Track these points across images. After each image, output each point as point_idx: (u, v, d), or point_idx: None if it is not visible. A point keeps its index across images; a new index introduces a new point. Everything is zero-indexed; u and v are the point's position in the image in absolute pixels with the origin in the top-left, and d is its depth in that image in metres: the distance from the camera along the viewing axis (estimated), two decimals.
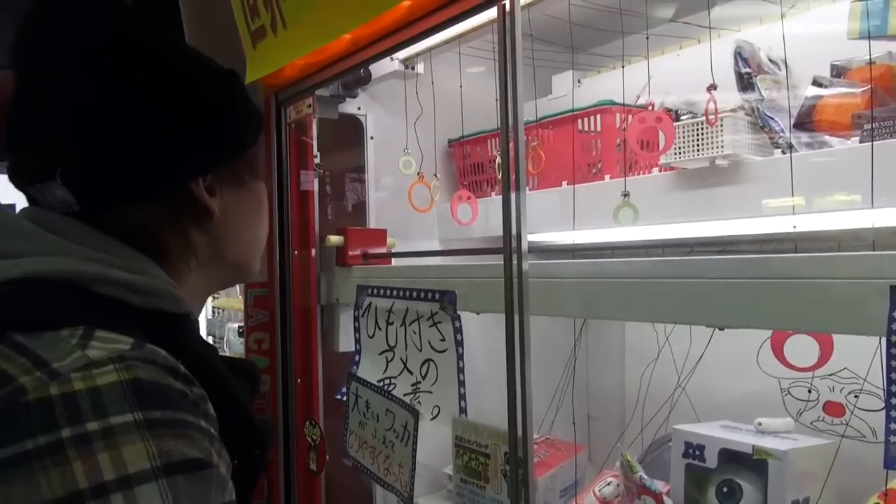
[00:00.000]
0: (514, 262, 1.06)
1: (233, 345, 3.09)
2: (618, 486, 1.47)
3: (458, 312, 1.28)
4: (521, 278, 1.05)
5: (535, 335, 1.09)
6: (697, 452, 1.26)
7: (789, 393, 1.48)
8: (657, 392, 1.74)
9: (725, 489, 1.22)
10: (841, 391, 1.40)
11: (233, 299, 3.14)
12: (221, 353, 0.76)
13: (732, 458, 1.23)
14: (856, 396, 1.38)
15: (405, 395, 1.38)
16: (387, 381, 1.44)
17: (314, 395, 1.70)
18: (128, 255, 0.68)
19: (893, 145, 1.04)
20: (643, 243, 1.63)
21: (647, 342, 1.77)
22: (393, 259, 1.70)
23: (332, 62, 1.50)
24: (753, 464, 1.19)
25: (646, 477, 1.32)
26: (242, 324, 2.25)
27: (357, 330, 1.55)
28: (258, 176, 0.84)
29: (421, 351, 1.35)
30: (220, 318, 3.43)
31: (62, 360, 0.55)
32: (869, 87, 1.14)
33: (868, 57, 1.20)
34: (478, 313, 1.28)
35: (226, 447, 0.62)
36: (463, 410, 1.25)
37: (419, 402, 1.35)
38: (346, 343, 1.69)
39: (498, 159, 1.61)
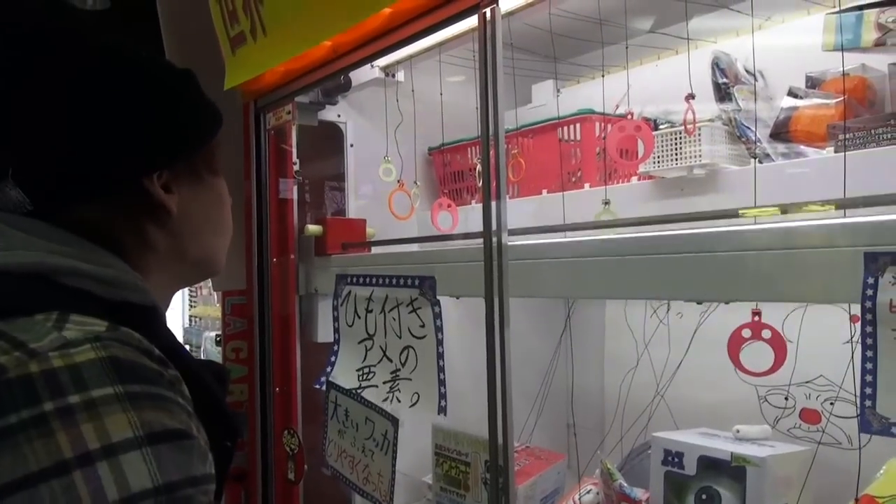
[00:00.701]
0: (494, 241, 1.06)
1: (210, 354, 3.06)
2: (598, 493, 1.47)
3: (438, 298, 1.27)
4: (501, 259, 1.05)
5: (514, 344, 1.08)
6: (676, 460, 1.26)
7: (766, 400, 1.49)
8: (636, 400, 1.74)
9: (704, 496, 1.22)
10: (817, 398, 1.42)
11: (210, 308, 3.11)
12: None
13: (711, 465, 1.23)
14: (831, 404, 1.40)
15: (384, 382, 1.37)
16: (366, 370, 1.42)
17: (293, 403, 1.68)
18: (89, 248, 0.68)
19: (866, 156, 1.06)
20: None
21: (627, 350, 1.78)
22: (372, 249, 1.68)
23: (312, 69, 1.49)
24: (732, 471, 1.20)
25: (625, 485, 1.32)
26: (220, 332, 2.23)
27: (336, 319, 1.54)
28: (218, 172, 0.83)
29: (400, 338, 1.34)
30: (197, 326, 3.39)
31: (39, 340, 0.56)
32: (843, 98, 1.16)
33: (842, 69, 1.23)
34: (457, 297, 1.27)
35: None
36: (443, 396, 1.24)
37: (399, 389, 1.33)
38: (324, 334, 1.67)
39: (478, 167, 1.61)
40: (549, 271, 1.12)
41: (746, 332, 1.08)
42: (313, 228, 1.68)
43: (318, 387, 1.52)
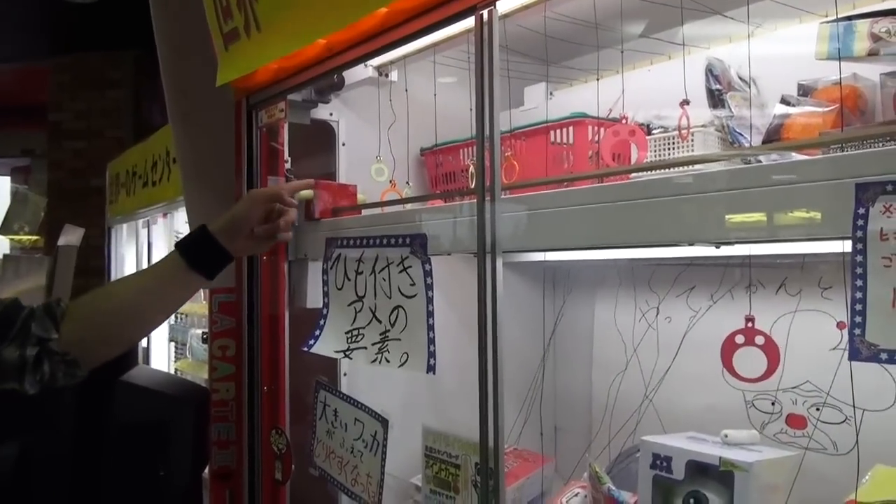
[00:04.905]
0: (487, 200, 1.06)
1: (195, 351, 3.03)
2: (585, 497, 1.48)
3: (430, 256, 1.26)
4: (493, 216, 1.07)
5: (503, 345, 1.08)
6: (665, 464, 1.27)
7: (753, 405, 1.50)
8: (624, 404, 1.75)
9: (692, 501, 1.23)
10: (803, 404, 1.43)
11: (196, 305, 3.08)
12: (182, 360, 0.78)
13: (699, 469, 1.24)
14: (818, 409, 1.41)
15: (373, 343, 1.36)
16: (355, 332, 1.41)
17: (280, 402, 1.67)
18: None
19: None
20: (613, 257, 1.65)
21: (615, 354, 1.79)
22: (363, 212, 1.64)
23: (305, 67, 1.48)
24: (720, 476, 1.21)
25: (614, 488, 1.32)
26: (206, 330, 2.21)
27: (325, 283, 1.52)
28: None
29: (390, 298, 1.33)
30: (183, 323, 3.36)
31: None
32: (835, 106, 1.17)
33: (834, 77, 1.24)
34: (449, 254, 1.26)
35: None
36: (431, 355, 1.23)
37: (388, 350, 1.32)
38: (314, 299, 1.64)
39: (471, 168, 1.61)
40: (541, 223, 1.10)
41: (739, 338, 1.08)
42: (304, 193, 1.65)
43: (305, 350, 1.51)
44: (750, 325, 1.08)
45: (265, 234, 1.37)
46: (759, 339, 1.07)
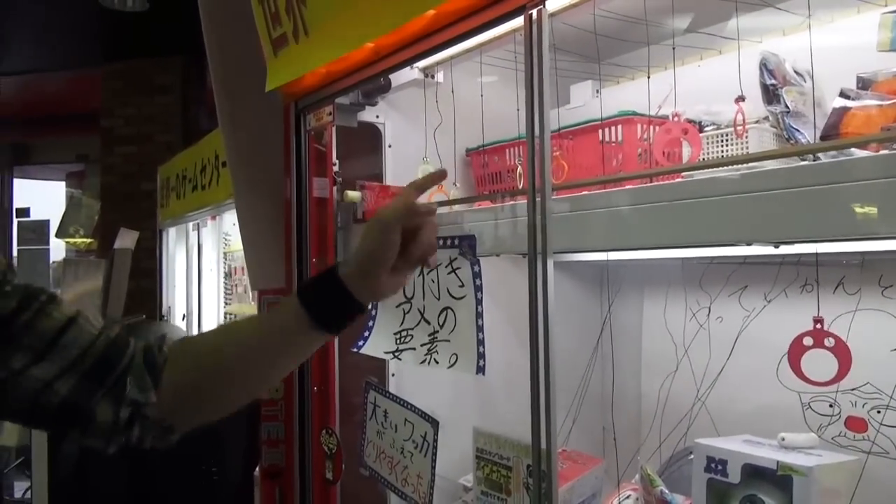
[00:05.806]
0: (538, 200, 1.05)
1: None
2: (637, 499, 1.46)
3: (479, 258, 1.25)
4: (545, 217, 1.05)
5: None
6: (720, 467, 1.24)
7: (810, 407, 1.46)
8: (674, 405, 1.72)
9: None
10: (863, 406, 1.39)
11: (245, 306, 3.14)
12: None
13: (756, 473, 1.21)
14: (879, 412, 1.36)
15: (422, 344, 1.36)
16: (404, 333, 1.42)
17: (331, 403, 1.69)
18: None
19: None
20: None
21: (665, 354, 1.76)
22: None
23: (353, 70, 1.49)
24: (778, 480, 1.18)
25: (667, 491, 1.30)
26: None
27: None
28: None
29: (439, 300, 1.33)
30: None
31: None
32: None
33: (894, 69, 1.19)
34: (498, 255, 1.25)
35: None
36: (481, 356, 1.22)
37: (436, 351, 1.32)
38: None
39: (519, 169, 1.60)
40: (594, 223, 1.09)
41: (808, 340, 1.05)
42: (353, 195, 1.67)
43: (354, 350, 1.52)
44: (818, 326, 1.05)
45: (411, 262, 1.00)
46: (829, 341, 1.04)
